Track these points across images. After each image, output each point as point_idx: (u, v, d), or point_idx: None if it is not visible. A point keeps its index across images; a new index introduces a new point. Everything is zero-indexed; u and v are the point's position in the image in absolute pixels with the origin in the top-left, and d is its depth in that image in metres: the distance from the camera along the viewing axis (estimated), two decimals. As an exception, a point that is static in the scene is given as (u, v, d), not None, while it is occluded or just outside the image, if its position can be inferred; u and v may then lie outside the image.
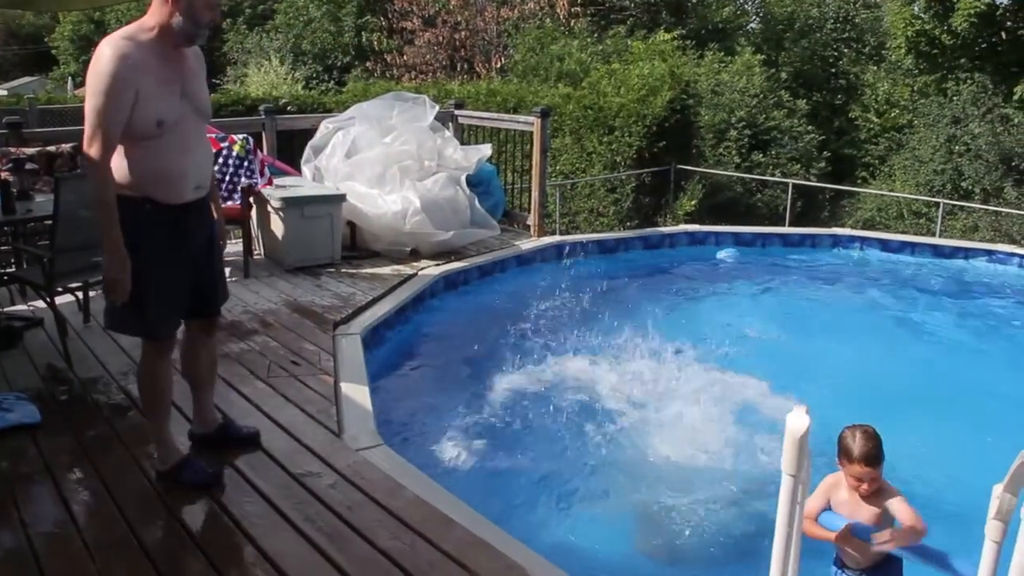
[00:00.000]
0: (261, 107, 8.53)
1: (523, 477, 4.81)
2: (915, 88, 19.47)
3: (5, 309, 5.68)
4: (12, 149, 6.41)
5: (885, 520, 3.21)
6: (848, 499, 3.27)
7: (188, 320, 3.66)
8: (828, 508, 3.29)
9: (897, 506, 3.18)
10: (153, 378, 3.53)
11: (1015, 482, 2.56)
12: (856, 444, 3.18)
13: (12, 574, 2.95)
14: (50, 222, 4.94)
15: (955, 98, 15.90)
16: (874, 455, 3.16)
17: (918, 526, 3.05)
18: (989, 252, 9.69)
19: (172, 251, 3.35)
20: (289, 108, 11.07)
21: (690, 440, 5.15)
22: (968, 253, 9.76)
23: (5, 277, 5.57)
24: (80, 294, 5.44)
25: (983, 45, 17.19)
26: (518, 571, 3.08)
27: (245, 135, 7.20)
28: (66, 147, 6.66)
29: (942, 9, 17.15)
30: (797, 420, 2.60)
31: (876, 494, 3.24)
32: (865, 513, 3.23)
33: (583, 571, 3.41)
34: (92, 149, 3.08)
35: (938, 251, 9.80)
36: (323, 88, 22.31)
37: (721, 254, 9.49)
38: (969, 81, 16.09)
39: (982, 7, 16.12)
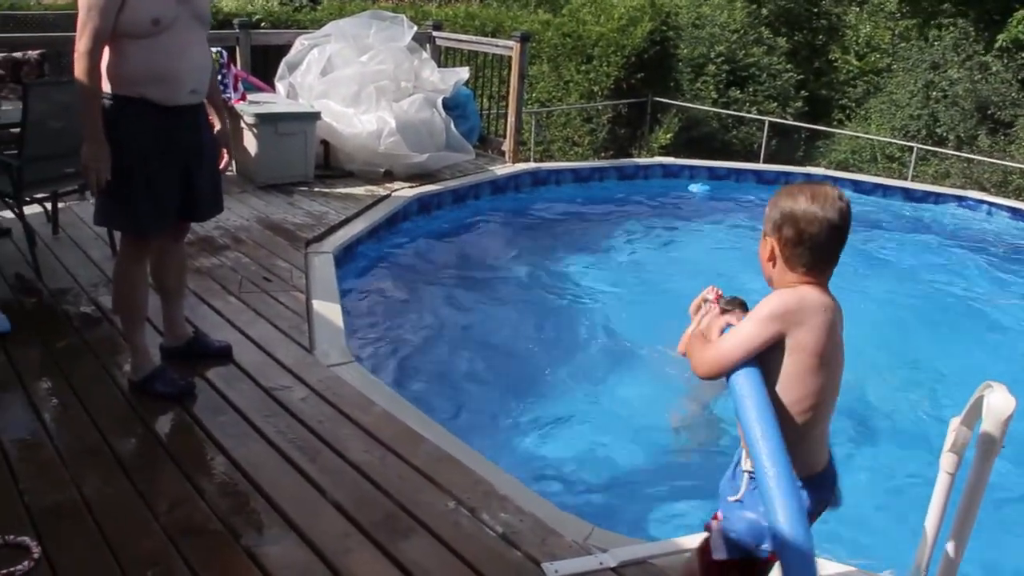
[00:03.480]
0: (236, 21, 8.33)
1: (490, 394, 4.89)
2: (896, 32, 19.37)
3: (-29, 217, 5.59)
4: (-24, 53, 6.25)
5: None
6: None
7: None
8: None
9: None
10: (130, 282, 3.55)
11: (971, 416, 2.64)
12: None
13: (-16, 477, 2.97)
14: (17, 130, 4.85)
15: (936, 43, 15.85)
16: None
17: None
18: (959, 198, 9.80)
19: (163, 151, 3.37)
20: (263, 24, 10.79)
21: (655, 374, 5.25)
22: (938, 198, 9.87)
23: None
24: (49, 205, 5.36)
25: (967, -11, 17.08)
26: (485, 486, 3.15)
27: (219, 49, 7.07)
28: (33, 54, 6.50)
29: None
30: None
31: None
32: None
33: (550, 490, 3.49)
34: (81, 41, 3.14)
35: (909, 195, 9.89)
36: (298, 4, 21.78)
37: (693, 187, 9.53)
38: (951, 27, 16.03)
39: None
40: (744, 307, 2.41)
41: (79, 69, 3.16)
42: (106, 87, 3.26)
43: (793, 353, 1.86)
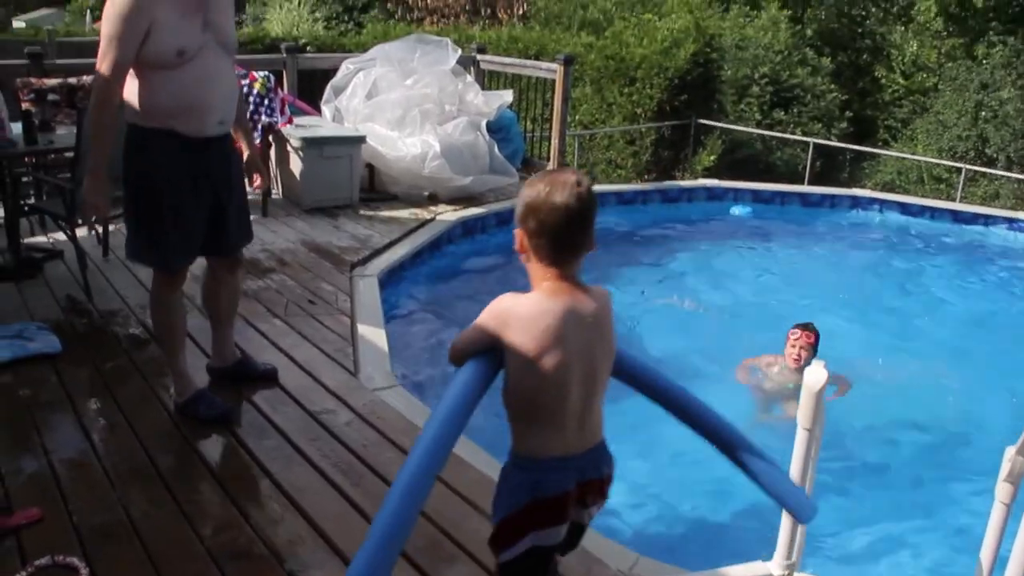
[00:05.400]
0: (283, 45, 8.46)
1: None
2: (943, 51, 19.15)
3: (25, 240, 5.71)
4: (34, 80, 6.40)
5: None
6: None
7: (208, 257, 3.66)
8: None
9: None
10: (164, 310, 3.56)
11: (1029, 446, 2.58)
12: None
13: (36, 497, 3.01)
14: (71, 154, 4.95)
15: (985, 62, 15.64)
16: None
17: None
18: (1010, 220, 9.59)
19: (191, 184, 3.32)
20: (309, 48, 10.96)
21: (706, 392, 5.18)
22: (988, 220, 9.66)
23: (26, 208, 5.59)
24: (100, 227, 5.46)
25: (1017, 9, 16.85)
26: (530, 514, 3.11)
27: (266, 73, 7.16)
28: (87, 80, 6.63)
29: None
30: (815, 375, 2.61)
31: None
32: None
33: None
34: (100, 70, 3.09)
35: (958, 217, 9.69)
36: (343, 28, 22.11)
37: (735, 210, 9.45)
38: (1000, 45, 15.81)
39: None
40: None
41: (95, 98, 3.14)
42: (132, 118, 3.22)
43: (508, 352, 1.95)
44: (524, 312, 1.96)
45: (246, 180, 3.75)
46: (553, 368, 1.93)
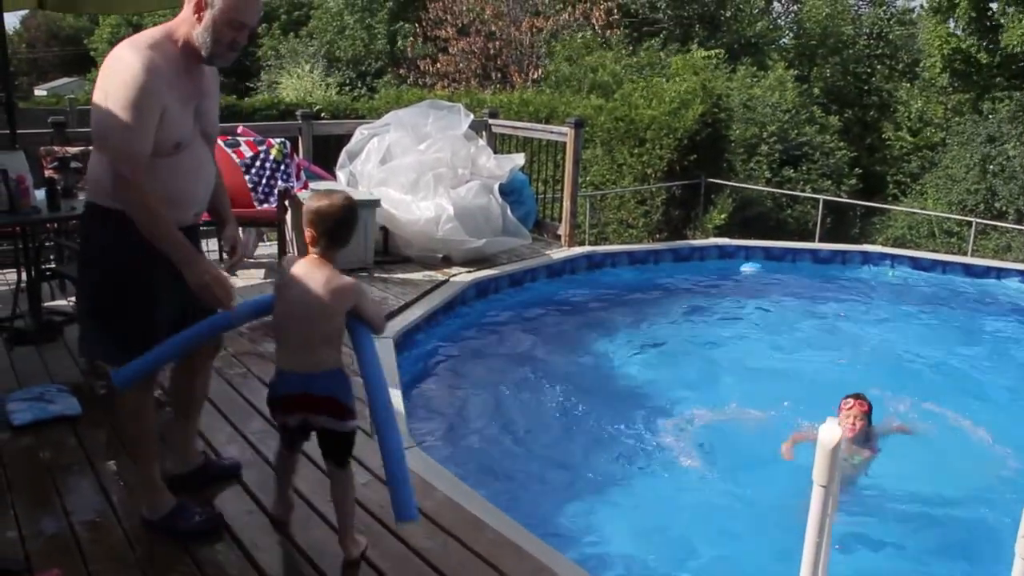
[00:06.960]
0: (298, 112, 8.64)
1: (554, 479, 4.85)
2: (949, 106, 19.37)
3: (46, 303, 5.79)
4: (57, 148, 6.54)
5: None
6: None
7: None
8: None
9: None
10: (138, 414, 3.19)
11: (1046, 500, 2.58)
12: None
13: (56, 559, 3.03)
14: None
15: (991, 116, 15.80)
16: None
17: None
18: (1022, 272, 9.60)
19: (161, 277, 2.98)
20: (323, 113, 11.19)
21: (718, 455, 5.18)
22: (1000, 273, 9.67)
23: (48, 272, 5.68)
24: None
25: (1022, 64, 17.06)
26: (547, 573, 3.12)
27: (283, 139, 7.30)
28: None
29: (982, 28, 17.08)
30: (830, 432, 2.63)
31: None
32: None
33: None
34: (122, 168, 2.80)
35: (970, 270, 9.71)
36: (356, 94, 22.55)
37: (744, 267, 9.49)
38: (1006, 100, 15.98)
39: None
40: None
41: (132, 200, 2.81)
42: (99, 197, 2.93)
43: None
44: (288, 272, 2.93)
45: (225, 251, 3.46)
46: (279, 305, 2.95)
